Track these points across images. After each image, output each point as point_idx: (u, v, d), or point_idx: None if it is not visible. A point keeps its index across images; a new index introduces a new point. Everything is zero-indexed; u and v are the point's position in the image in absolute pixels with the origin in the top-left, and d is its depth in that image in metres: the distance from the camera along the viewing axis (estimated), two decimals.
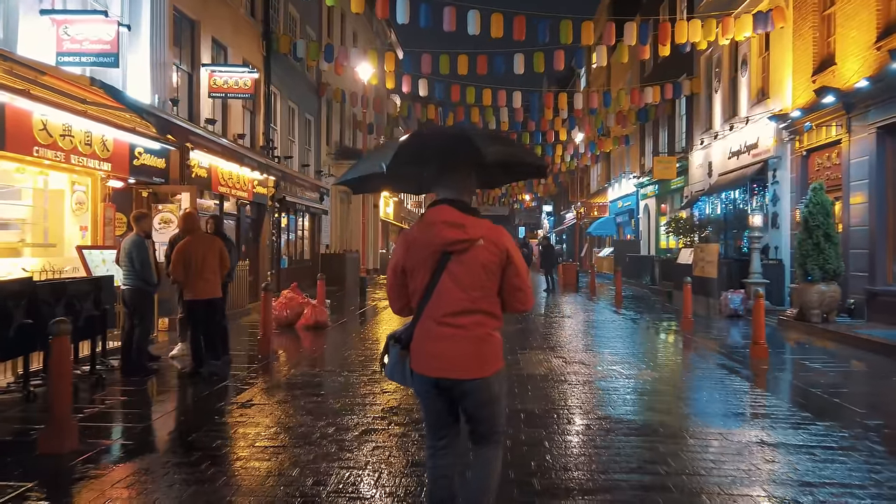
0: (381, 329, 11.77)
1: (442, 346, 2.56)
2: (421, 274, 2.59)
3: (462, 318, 2.56)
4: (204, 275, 7.03)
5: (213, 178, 12.75)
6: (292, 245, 19.69)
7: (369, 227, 28.05)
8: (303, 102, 20.33)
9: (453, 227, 2.54)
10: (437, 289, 2.56)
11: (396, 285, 2.70)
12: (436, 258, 2.56)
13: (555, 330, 11.47)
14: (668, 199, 24.23)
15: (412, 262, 2.62)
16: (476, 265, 2.54)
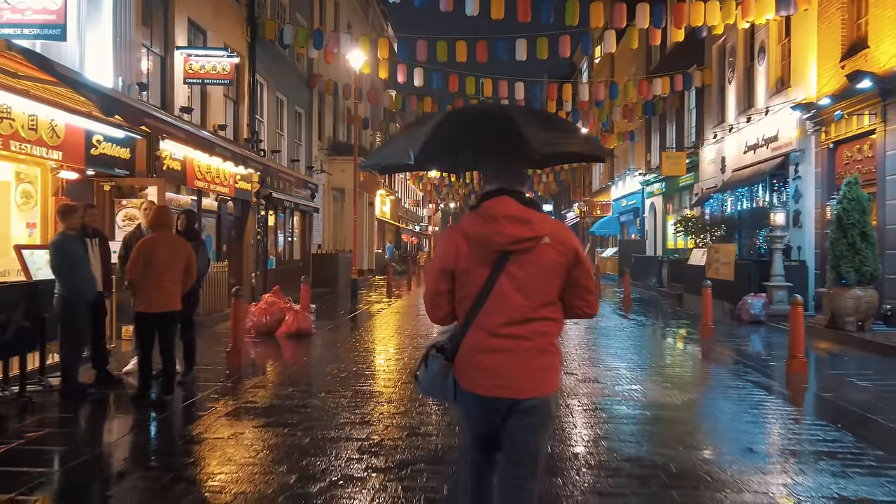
0: (371, 337, 10.70)
1: (499, 360, 2.26)
2: (474, 277, 2.27)
3: (522, 327, 2.27)
4: (163, 283, 5.87)
5: (189, 171, 11.69)
6: (281, 245, 18.63)
7: (364, 226, 26.99)
8: (292, 94, 19.26)
9: (518, 222, 2.22)
10: (493, 294, 2.25)
11: (443, 291, 2.35)
12: (492, 259, 2.24)
13: (560, 338, 10.40)
14: (675, 197, 23.18)
15: (465, 263, 2.28)
16: (540, 267, 2.25)
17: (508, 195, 2.27)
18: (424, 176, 39.06)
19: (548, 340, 2.31)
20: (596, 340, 10.43)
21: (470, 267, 2.27)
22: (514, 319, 2.25)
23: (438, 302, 2.37)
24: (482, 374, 2.26)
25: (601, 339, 10.62)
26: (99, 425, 5.53)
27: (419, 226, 54.09)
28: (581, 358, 8.51)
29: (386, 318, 13.20)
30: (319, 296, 17.97)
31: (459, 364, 2.32)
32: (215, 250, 13.73)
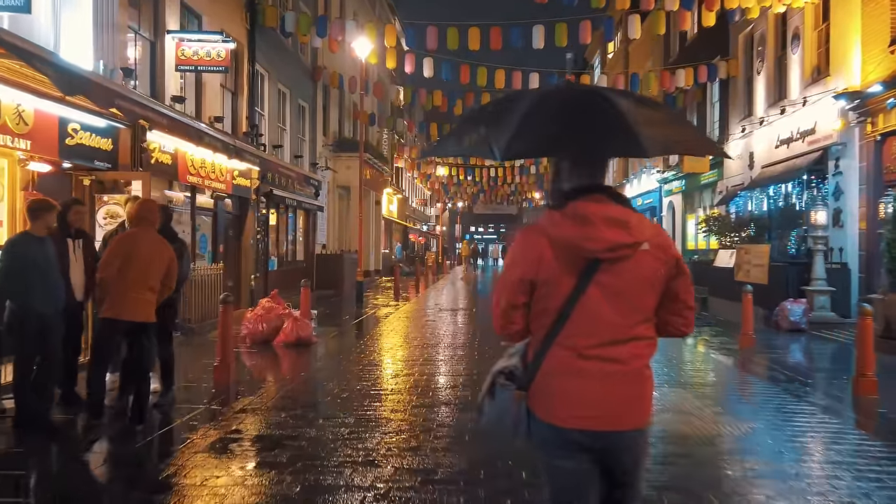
0: (377, 347, 9.78)
1: (590, 386, 1.93)
2: (558, 288, 1.94)
3: (617, 348, 1.95)
4: (138, 288, 4.97)
5: (181, 165, 10.78)
6: (283, 245, 17.74)
7: (370, 226, 26.08)
8: (296, 87, 18.36)
9: (616, 225, 1.90)
10: (580, 309, 1.92)
11: (520, 304, 1.99)
12: (580, 267, 1.92)
13: None
14: (696, 195, 22.14)
15: (548, 272, 1.94)
16: (637, 277, 1.94)
17: (607, 194, 1.96)
18: (433, 174, 38.14)
19: (644, 363, 2.01)
20: None
21: (554, 277, 1.95)
22: (607, 339, 1.95)
23: (513, 317, 2.02)
24: (568, 403, 1.94)
25: None
26: (45, 464, 4.62)
27: (427, 225, 53.19)
28: None
29: (393, 323, 12.28)
30: (323, 298, 17.08)
31: (538, 391, 1.98)
32: (211, 251, 12.85)
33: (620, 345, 1.94)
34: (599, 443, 1.94)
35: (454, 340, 10.05)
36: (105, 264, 4.98)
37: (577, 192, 1.97)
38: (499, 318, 2.04)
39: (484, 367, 7.66)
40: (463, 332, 10.99)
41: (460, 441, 4.90)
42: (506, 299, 2.01)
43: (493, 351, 9.01)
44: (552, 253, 1.94)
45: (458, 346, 9.40)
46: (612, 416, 1.93)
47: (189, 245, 11.89)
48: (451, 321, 12.71)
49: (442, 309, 15.12)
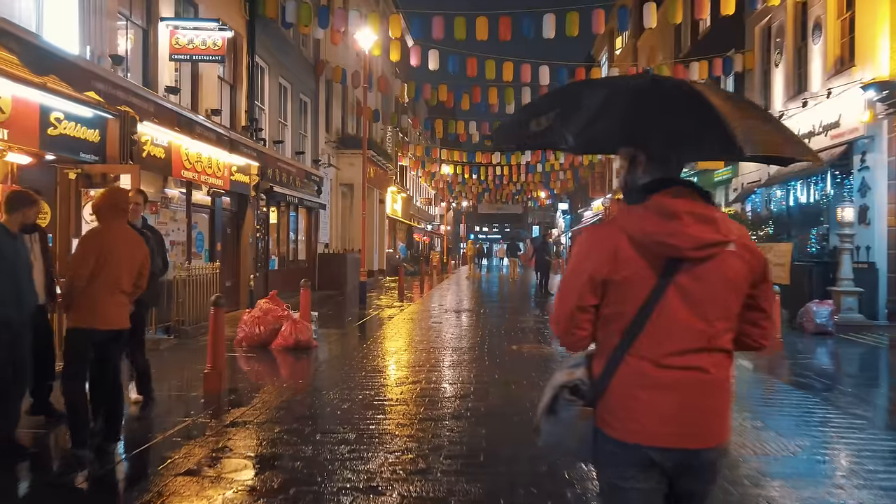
0: (381, 351, 9.23)
1: (672, 399, 1.75)
2: (635, 290, 1.77)
3: (699, 356, 1.77)
4: (111, 292, 4.36)
5: (175, 159, 10.27)
6: (284, 244, 17.22)
7: (374, 225, 25.54)
8: (297, 81, 17.84)
9: (703, 221, 1.74)
10: (660, 313, 1.75)
11: (589, 307, 1.81)
12: (659, 267, 1.75)
13: None
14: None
15: (625, 271, 1.77)
16: (721, 280, 1.77)
17: (690, 188, 1.81)
18: (437, 173, 37.60)
19: (726, 374, 1.84)
20: None
21: (630, 277, 1.77)
22: (688, 347, 1.77)
23: (579, 321, 1.84)
24: (643, 418, 1.77)
25: None
26: (7, 491, 4.08)
27: (431, 225, 52.66)
28: None
29: (398, 326, 11.74)
30: (326, 299, 16.55)
31: (608, 406, 1.81)
32: (208, 249, 12.33)
33: (703, 353, 1.77)
34: (676, 461, 1.78)
35: (462, 344, 9.50)
36: (77, 266, 4.30)
37: (658, 185, 1.80)
38: (563, 322, 1.84)
39: (496, 375, 7.11)
40: (471, 336, 10.44)
41: (475, 463, 4.35)
42: (572, 301, 1.81)
43: (503, 356, 8.46)
44: (629, 250, 1.77)
45: (467, 351, 8.85)
46: (693, 431, 1.76)
47: (185, 242, 11.42)
48: (458, 323, 12.16)
49: (448, 310, 14.57)
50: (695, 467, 1.80)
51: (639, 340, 1.76)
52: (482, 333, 10.62)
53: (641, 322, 1.76)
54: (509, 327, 11.54)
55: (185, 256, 11.08)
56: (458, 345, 9.40)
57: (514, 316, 13.61)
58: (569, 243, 50.07)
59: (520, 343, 9.68)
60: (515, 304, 16.80)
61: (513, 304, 16.77)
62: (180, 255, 10.98)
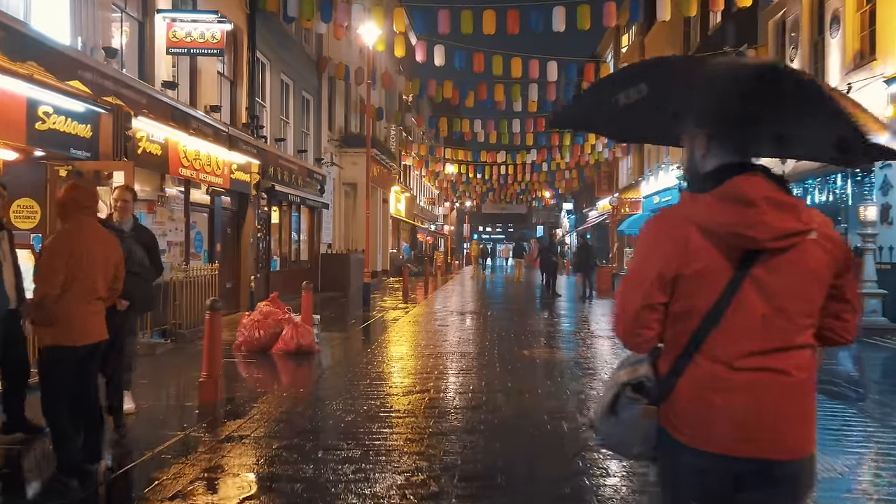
0: (386, 356, 8.84)
1: (749, 403, 1.61)
2: (708, 285, 1.63)
3: (780, 357, 1.62)
4: (87, 300, 3.91)
5: (172, 156, 9.90)
6: (286, 244, 16.85)
7: (378, 225, 25.16)
8: (300, 78, 17.47)
9: (783, 209, 1.61)
10: (736, 309, 1.61)
11: (658, 305, 1.66)
12: (734, 259, 1.61)
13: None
14: None
15: (697, 264, 1.63)
16: (802, 272, 1.63)
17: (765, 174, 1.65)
18: (441, 172, 37.21)
19: (810, 376, 1.66)
20: None
21: (702, 270, 1.61)
22: (767, 346, 1.62)
23: (647, 321, 1.67)
24: (717, 423, 1.62)
25: None
26: None
27: (434, 225, 52.27)
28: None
29: (403, 329, 11.35)
30: (329, 301, 16.18)
31: (676, 408, 1.67)
32: (207, 250, 11.96)
33: (783, 353, 1.64)
34: (753, 473, 1.64)
35: (470, 349, 9.10)
36: (48, 275, 3.78)
37: (728, 170, 1.66)
38: (628, 322, 1.71)
39: (508, 382, 6.71)
40: (479, 340, 10.04)
41: (492, 485, 3.96)
42: (639, 300, 1.68)
43: (514, 362, 8.06)
44: (700, 241, 1.63)
45: (476, 356, 8.45)
46: (773, 439, 1.63)
47: (183, 243, 11.05)
48: (465, 326, 11.76)
49: (454, 312, 14.18)
50: (772, 481, 1.63)
51: (711, 339, 1.64)
52: (491, 337, 10.23)
53: (714, 319, 1.63)
54: (519, 330, 11.15)
55: (182, 257, 10.72)
56: (466, 349, 9.01)
57: (522, 318, 13.22)
58: (576, 243, 49.61)
59: (531, 347, 9.29)
60: (522, 306, 16.40)
61: (520, 306, 16.38)
62: (178, 255, 10.62)
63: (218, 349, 6.01)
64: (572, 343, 9.68)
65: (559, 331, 11.30)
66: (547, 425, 5.21)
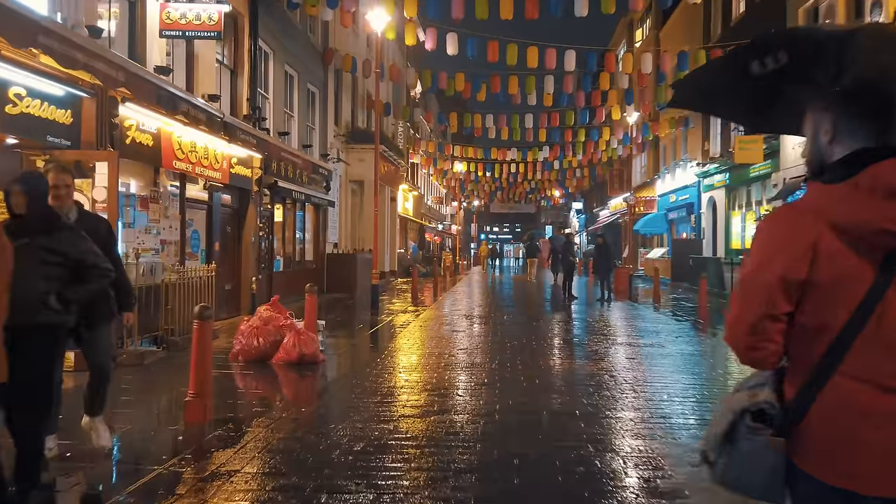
0: (396, 367, 8.02)
1: None
2: (846, 293, 1.40)
3: None
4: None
5: (165, 148, 9.12)
6: (290, 243, 16.08)
7: (385, 224, 24.38)
8: (305, 70, 16.70)
9: None
10: (882, 321, 1.39)
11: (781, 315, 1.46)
12: (876, 261, 1.40)
13: (662, 382, 7.62)
14: (743, 189, 20.23)
15: (829, 269, 1.41)
16: None
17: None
18: (449, 170, 36.43)
19: None
20: (714, 385, 7.65)
21: (837, 276, 1.41)
22: None
23: (769, 333, 1.46)
24: (864, 458, 1.39)
25: (722, 384, 7.84)
26: None
27: (442, 224, 51.48)
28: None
29: (413, 335, 10.54)
30: (335, 303, 15.40)
31: (810, 439, 1.45)
32: (205, 249, 11.19)
33: None
34: None
35: (490, 359, 8.28)
36: None
37: (867, 156, 1.41)
38: (744, 335, 1.48)
39: (538, 401, 5.87)
40: (499, 348, 9.22)
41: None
42: (759, 308, 1.45)
43: (542, 375, 7.23)
44: (834, 242, 1.41)
45: (497, 369, 7.64)
46: None
47: (179, 242, 10.28)
48: (480, 333, 10.94)
49: (467, 317, 13.36)
50: None
51: (851, 356, 1.42)
52: (511, 345, 9.41)
53: (854, 333, 1.42)
54: (540, 338, 10.32)
55: (178, 257, 9.95)
56: (485, 360, 8.19)
57: (541, 324, 12.39)
58: (586, 243, 48.72)
59: (557, 358, 8.46)
60: (539, 310, 15.56)
61: (537, 310, 15.54)
62: (173, 255, 9.85)
63: (207, 364, 5.21)
64: (601, 353, 8.85)
65: (584, 338, 10.47)
66: (595, 460, 4.38)
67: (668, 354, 8.70)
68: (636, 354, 8.70)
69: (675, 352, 8.91)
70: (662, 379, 7.09)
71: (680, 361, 8.24)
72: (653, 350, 9.04)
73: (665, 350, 9.03)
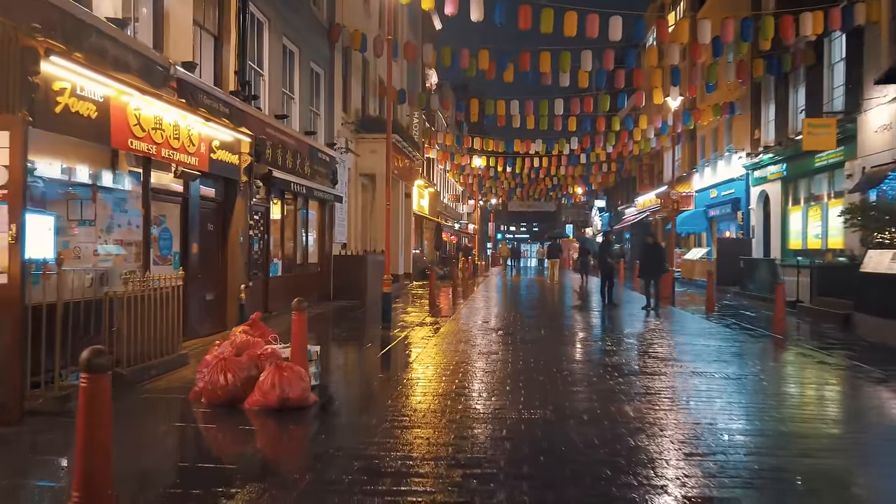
0: (419, 410, 5.86)
1: None
2: None
3: None
4: None
5: (117, 123, 7.09)
6: (290, 244, 14.04)
7: (400, 222, 22.27)
8: (307, 46, 14.65)
9: None
10: None
11: None
12: None
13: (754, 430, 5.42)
14: (805, 181, 17.86)
15: None
16: None
17: None
18: (467, 166, 34.25)
19: None
20: (816, 414, 5.44)
21: None
22: None
23: None
24: None
25: (826, 415, 5.63)
26: None
27: (458, 223, 49.31)
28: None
29: (435, 360, 8.39)
30: (342, 313, 13.34)
31: None
32: (179, 252, 9.17)
33: None
34: None
35: (543, 405, 6.13)
36: None
37: None
38: None
39: (640, 480, 3.73)
40: (550, 385, 7.06)
41: None
42: None
43: (627, 436, 5.05)
44: None
45: (557, 421, 5.50)
46: None
47: (141, 242, 8.28)
48: (519, 357, 8.77)
49: (497, 331, 11.19)
50: None
51: None
52: (564, 380, 7.24)
53: None
54: (598, 365, 8.15)
55: (140, 262, 7.94)
56: (536, 406, 6.03)
57: (592, 344, 10.21)
58: (625, 245, 46.48)
59: (632, 401, 6.28)
60: (583, 324, 13.36)
61: (580, 324, 13.34)
62: (132, 259, 7.83)
63: (102, 445, 3.15)
64: (692, 392, 6.68)
65: (659, 366, 8.28)
66: None
67: (780, 396, 6.49)
68: (738, 397, 6.50)
69: (789, 392, 6.70)
70: (790, 441, 4.90)
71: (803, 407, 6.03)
72: (750, 383, 6.83)
73: (768, 386, 6.82)
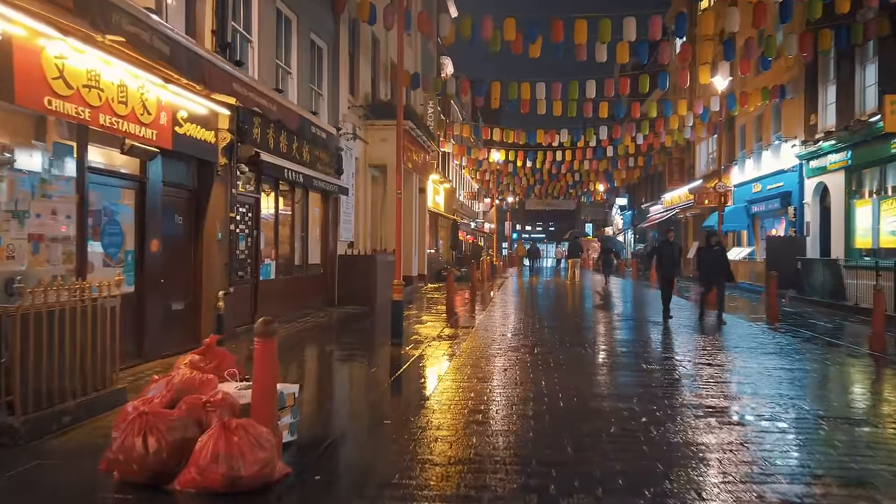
0: (434, 485, 3.83)
1: None
2: None
3: None
4: None
5: (23, 71, 5.17)
6: (286, 242, 12.10)
7: (413, 219, 20.27)
8: (308, 15, 12.71)
9: None
10: None
11: None
12: None
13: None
14: (875, 170, 15.63)
15: None
16: None
17: None
18: (485, 161, 32.18)
19: None
20: None
21: None
22: None
23: None
24: None
25: None
26: None
27: (475, 222, 47.25)
28: None
29: (457, 388, 6.37)
30: (346, 323, 11.39)
31: None
32: (134, 250, 7.24)
33: None
34: None
35: (638, 480, 4.11)
36: None
37: None
38: None
39: None
40: (620, 434, 5.05)
41: None
42: None
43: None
44: None
45: (630, 489, 3.47)
46: None
47: (73, 239, 6.35)
48: (563, 387, 6.73)
49: (529, 350, 9.13)
50: None
51: None
52: (650, 442, 5.22)
53: None
54: (692, 407, 6.11)
55: (73, 264, 6.03)
56: (600, 462, 4.01)
57: (656, 370, 8.15)
58: (643, 246, 44.21)
59: (769, 479, 4.23)
60: (632, 334, 11.28)
61: (637, 344, 11.26)
62: (59, 262, 5.92)
63: None
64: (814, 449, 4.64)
65: (775, 411, 6.21)
66: None
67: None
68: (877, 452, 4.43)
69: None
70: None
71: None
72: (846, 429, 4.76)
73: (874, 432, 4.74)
